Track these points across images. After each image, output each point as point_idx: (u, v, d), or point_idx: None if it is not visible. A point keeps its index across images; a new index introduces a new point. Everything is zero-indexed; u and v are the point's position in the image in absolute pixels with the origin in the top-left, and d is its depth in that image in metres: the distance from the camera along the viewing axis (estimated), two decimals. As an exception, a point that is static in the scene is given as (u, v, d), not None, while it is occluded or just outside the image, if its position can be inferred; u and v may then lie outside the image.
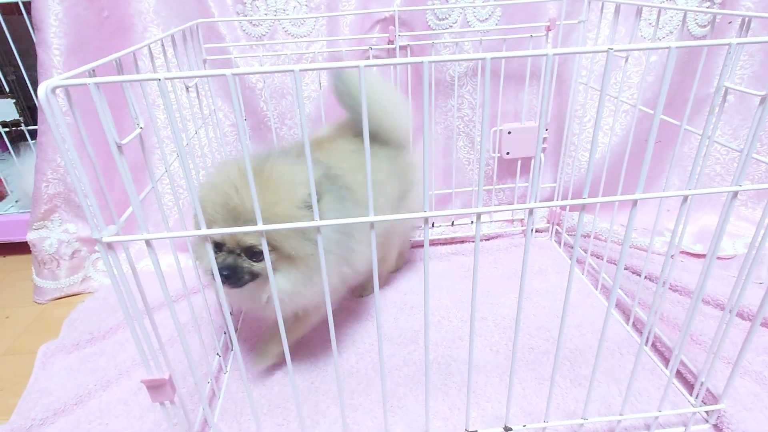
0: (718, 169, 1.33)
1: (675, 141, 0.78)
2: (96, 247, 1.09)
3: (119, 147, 0.54)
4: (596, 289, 1.15)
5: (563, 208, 1.35)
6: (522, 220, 1.38)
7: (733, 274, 1.18)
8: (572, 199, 1.28)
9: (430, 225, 1.17)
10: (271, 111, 1.20)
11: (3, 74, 1.38)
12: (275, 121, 1.24)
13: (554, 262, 1.27)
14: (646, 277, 1.12)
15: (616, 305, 1.09)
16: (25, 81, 1.26)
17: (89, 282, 1.28)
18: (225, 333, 1.01)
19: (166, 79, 0.47)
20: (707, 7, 1.12)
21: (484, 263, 1.28)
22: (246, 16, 1.15)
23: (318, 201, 0.59)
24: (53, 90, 0.46)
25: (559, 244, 1.35)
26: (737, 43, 0.50)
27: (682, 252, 1.26)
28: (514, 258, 1.30)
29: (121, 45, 1.15)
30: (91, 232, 0.53)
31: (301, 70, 0.47)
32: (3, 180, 1.49)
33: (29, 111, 1.50)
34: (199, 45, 1.04)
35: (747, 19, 0.67)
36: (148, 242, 0.56)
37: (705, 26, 1.14)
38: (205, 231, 0.56)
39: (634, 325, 1.02)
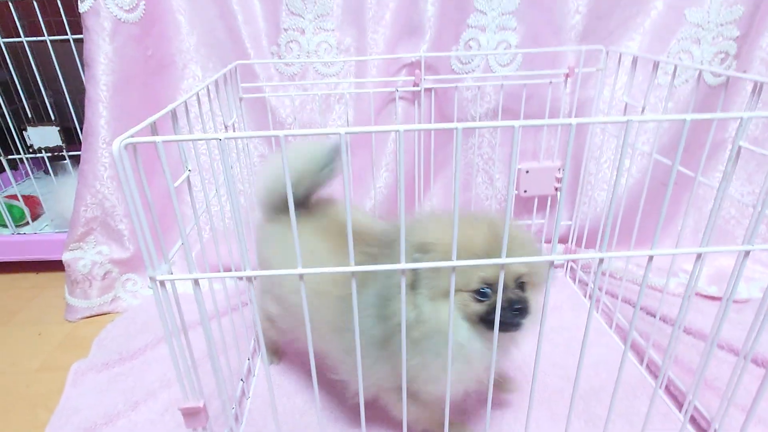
0: (733, 212, 1.35)
1: (691, 184, 0.81)
2: (149, 285, 1.15)
3: (173, 190, 0.60)
4: (610, 328, 1.17)
5: (579, 245, 1.37)
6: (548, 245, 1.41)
7: (748, 318, 1.18)
8: (588, 236, 1.32)
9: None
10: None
11: (45, 96, 1.46)
12: (302, 153, 1.30)
13: (569, 299, 1.30)
14: (660, 319, 1.14)
15: (631, 346, 1.10)
16: (63, 103, 1.33)
17: (118, 302, 1.33)
18: (249, 359, 1.05)
19: (226, 138, 0.52)
20: (722, 59, 1.16)
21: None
22: (280, 56, 1.22)
23: None
24: (126, 147, 0.52)
25: (574, 280, 1.37)
26: (747, 117, 0.54)
27: (697, 294, 1.28)
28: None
29: (163, 80, 1.23)
30: (147, 271, 0.58)
31: (347, 133, 0.52)
32: (40, 198, 1.57)
33: (65, 132, 1.56)
34: (237, 84, 1.10)
35: (759, 84, 0.71)
36: (196, 282, 0.60)
37: (720, 76, 1.18)
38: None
39: (648, 366, 1.04)
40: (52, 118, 1.43)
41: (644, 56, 0.98)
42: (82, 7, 1.08)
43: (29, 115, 1.48)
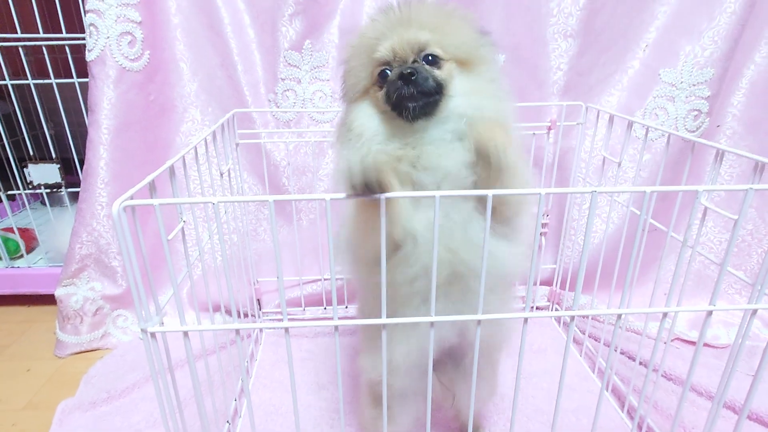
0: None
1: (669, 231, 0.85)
2: (139, 335, 1.16)
3: (167, 242, 0.63)
4: (593, 372, 1.20)
5: (562, 287, 1.41)
6: (523, 297, 1.44)
7: (725, 364, 1.21)
8: (572, 279, 1.36)
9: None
10: (292, 186, 1.30)
11: (46, 129, 1.49)
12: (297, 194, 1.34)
13: (553, 341, 1.32)
14: (641, 364, 1.17)
15: (613, 391, 1.13)
16: (63, 135, 1.37)
17: (109, 338, 1.34)
18: (235, 400, 1.06)
19: (219, 202, 0.56)
20: (695, 116, 1.23)
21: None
22: (277, 103, 1.28)
23: None
24: (124, 209, 0.56)
25: (559, 322, 1.40)
26: (704, 190, 0.59)
27: (678, 339, 1.31)
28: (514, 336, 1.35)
29: (162, 124, 1.28)
30: (138, 323, 0.60)
31: (331, 199, 0.56)
32: (35, 231, 1.59)
33: (63, 162, 1.58)
34: (234, 131, 1.15)
35: (721, 152, 0.76)
36: (185, 333, 0.63)
37: (694, 131, 1.25)
38: (235, 324, 0.63)
39: (628, 412, 1.06)
40: (53, 152, 1.47)
41: (619, 115, 1.05)
42: (89, 56, 1.14)
43: (31, 153, 1.53)
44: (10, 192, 1.55)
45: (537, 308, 1.45)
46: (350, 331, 1.32)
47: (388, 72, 0.65)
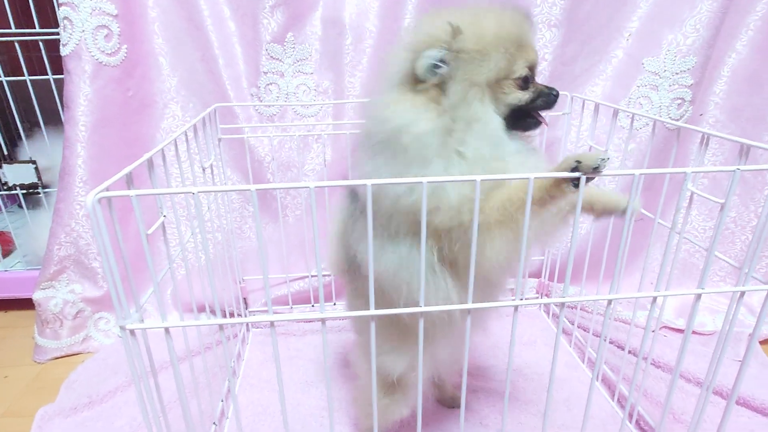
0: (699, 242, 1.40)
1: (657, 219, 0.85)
2: (118, 333, 1.13)
3: (146, 237, 0.61)
4: (583, 363, 1.19)
5: (551, 279, 1.41)
6: (512, 289, 1.43)
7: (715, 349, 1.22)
8: (560, 271, 1.36)
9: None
10: (277, 182, 1.28)
11: (21, 129, 1.45)
12: (280, 192, 1.32)
13: (543, 333, 1.32)
14: (630, 352, 1.17)
15: (603, 380, 1.13)
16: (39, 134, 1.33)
17: (90, 342, 1.30)
18: (222, 401, 1.04)
19: (199, 192, 0.54)
20: (678, 105, 1.23)
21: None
22: (260, 98, 1.26)
23: None
24: (99, 200, 0.53)
25: (548, 314, 1.40)
26: (692, 172, 0.58)
27: (665, 327, 1.32)
28: (504, 325, 1.35)
29: (142, 120, 1.25)
30: (116, 320, 0.58)
31: (315, 186, 0.54)
32: (12, 234, 1.54)
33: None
34: (216, 126, 1.13)
35: (706, 136, 0.76)
36: (167, 330, 0.61)
37: (678, 120, 1.26)
38: (217, 320, 0.61)
39: (618, 401, 1.06)
40: (27, 151, 1.42)
41: (604, 104, 1.04)
42: (64, 51, 1.10)
43: (5, 153, 1.48)
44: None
45: (526, 299, 1.45)
46: (339, 328, 1.31)
47: (529, 76, 0.65)
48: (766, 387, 1.10)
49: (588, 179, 0.56)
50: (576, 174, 0.56)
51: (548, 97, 0.67)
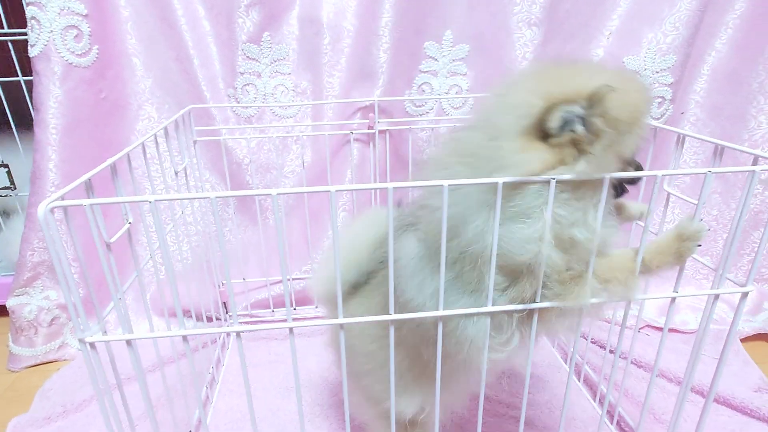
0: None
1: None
2: (78, 347, 1.11)
3: (108, 246, 0.59)
4: (566, 363, 1.19)
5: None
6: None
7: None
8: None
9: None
10: (256, 184, 1.26)
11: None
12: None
13: (527, 334, 1.31)
14: (611, 351, 1.17)
15: (585, 380, 1.12)
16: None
17: (66, 349, 1.28)
18: (199, 409, 1.01)
19: (156, 201, 0.52)
20: (659, 103, 1.23)
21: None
22: (237, 99, 1.24)
23: None
24: (51, 210, 0.51)
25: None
26: (663, 175, 0.58)
27: (648, 326, 1.32)
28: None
29: (116, 122, 1.22)
30: (75, 333, 0.56)
31: (278, 194, 0.53)
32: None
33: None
34: (191, 128, 1.10)
35: (682, 137, 0.75)
36: (129, 342, 0.59)
37: (659, 119, 1.25)
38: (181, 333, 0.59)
39: (600, 401, 1.05)
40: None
41: (583, 103, 1.04)
42: (32, 52, 1.07)
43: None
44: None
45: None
46: (321, 331, 1.29)
47: None
48: (747, 385, 1.10)
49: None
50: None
51: (640, 168, 0.65)
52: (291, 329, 0.60)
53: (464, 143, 0.62)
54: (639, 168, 0.64)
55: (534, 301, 0.60)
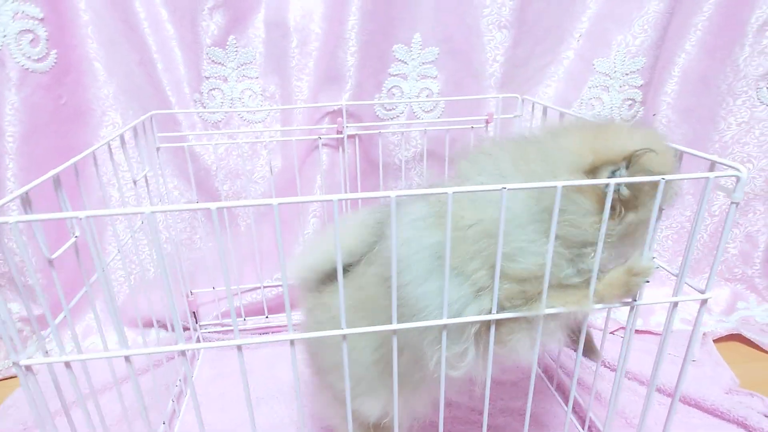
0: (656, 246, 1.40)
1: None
2: (13, 369, 1.08)
3: (50, 262, 0.57)
4: (539, 367, 1.18)
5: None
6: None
7: (669, 351, 1.22)
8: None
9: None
10: (225, 191, 1.24)
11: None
12: (231, 199, 1.28)
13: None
14: (574, 350, 1.16)
15: (557, 387, 1.11)
16: None
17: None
18: (164, 422, 0.99)
19: (88, 216, 0.49)
20: (629, 105, 1.23)
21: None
22: (203, 103, 1.21)
23: None
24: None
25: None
26: (614, 182, 0.56)
27: (622, 328, 1.31)
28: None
29: (78, 128, 1.19)
30: (8, 354, 0.53)
31: (218, 208, 0.51)
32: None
33: None
34: (153, 135, 1.08)
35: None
36: (67, 364, 0.56)
37: (629, 121, 1.25)
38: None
39: (574, 409, 1.05)
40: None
41: (552, 107, 1.03)
42: (-15, 57, 1.04)
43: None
44: None
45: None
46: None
47: None
48: (719, 386, 1.10)
49: None
50: None
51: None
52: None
53: (523, 151, 0.65)
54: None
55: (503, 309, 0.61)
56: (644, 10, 1.15)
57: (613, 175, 0.59)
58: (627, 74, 1.19)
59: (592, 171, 0.60)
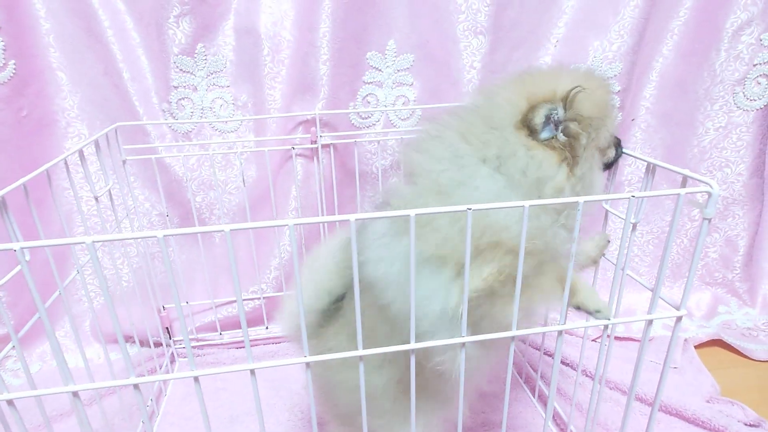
0: (636, 249, 1.40)
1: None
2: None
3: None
4: (521, 378, 1.17)
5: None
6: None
7: (651, 358, 1.22)
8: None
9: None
10: (198, 203, 1.21)
11: None
12: (204, 211, 1.24)
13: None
14: (546, 354, 1.15)
15: (540, 397, 1.09)
16: None
17: (-5, 384, 1.19)
18: (136, 441, 0.96)
19: (23, 248, 0.46)
20: (607, 111, 1.22)
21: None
22: (172, 113, 1.17)
23: None
24: None
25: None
26: (582, 201, 0.55)
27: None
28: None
29: (42, 141, 1.14)
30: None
31: (165, 236, 0.48)
32: None
33: None
34: (118, 147, 1.04)
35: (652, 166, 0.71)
36: (10, 402, 0.53)
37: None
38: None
39: (554, 419, 1.03)
40: None
41: (527, 114, 1.01)
42: (-61, 69, 0.99)
43: None
44: None
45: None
46: (270, 354, 1.24)
47: None
48: (700, 394, 1.10)
49: None
50: None
51: (620, 145, 0.73)
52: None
53: (468, 124, 0.65)
54: (619, 143, 0.73)
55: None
56: (620, 16, 1.14)
57: (550, 114, 0.61)
58: (605, 80, 1.18)
59: (530, 112, 0.61)
